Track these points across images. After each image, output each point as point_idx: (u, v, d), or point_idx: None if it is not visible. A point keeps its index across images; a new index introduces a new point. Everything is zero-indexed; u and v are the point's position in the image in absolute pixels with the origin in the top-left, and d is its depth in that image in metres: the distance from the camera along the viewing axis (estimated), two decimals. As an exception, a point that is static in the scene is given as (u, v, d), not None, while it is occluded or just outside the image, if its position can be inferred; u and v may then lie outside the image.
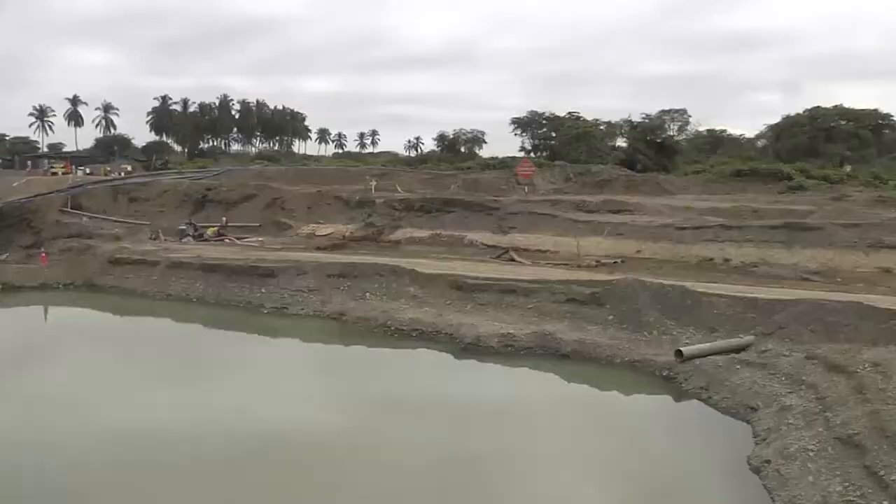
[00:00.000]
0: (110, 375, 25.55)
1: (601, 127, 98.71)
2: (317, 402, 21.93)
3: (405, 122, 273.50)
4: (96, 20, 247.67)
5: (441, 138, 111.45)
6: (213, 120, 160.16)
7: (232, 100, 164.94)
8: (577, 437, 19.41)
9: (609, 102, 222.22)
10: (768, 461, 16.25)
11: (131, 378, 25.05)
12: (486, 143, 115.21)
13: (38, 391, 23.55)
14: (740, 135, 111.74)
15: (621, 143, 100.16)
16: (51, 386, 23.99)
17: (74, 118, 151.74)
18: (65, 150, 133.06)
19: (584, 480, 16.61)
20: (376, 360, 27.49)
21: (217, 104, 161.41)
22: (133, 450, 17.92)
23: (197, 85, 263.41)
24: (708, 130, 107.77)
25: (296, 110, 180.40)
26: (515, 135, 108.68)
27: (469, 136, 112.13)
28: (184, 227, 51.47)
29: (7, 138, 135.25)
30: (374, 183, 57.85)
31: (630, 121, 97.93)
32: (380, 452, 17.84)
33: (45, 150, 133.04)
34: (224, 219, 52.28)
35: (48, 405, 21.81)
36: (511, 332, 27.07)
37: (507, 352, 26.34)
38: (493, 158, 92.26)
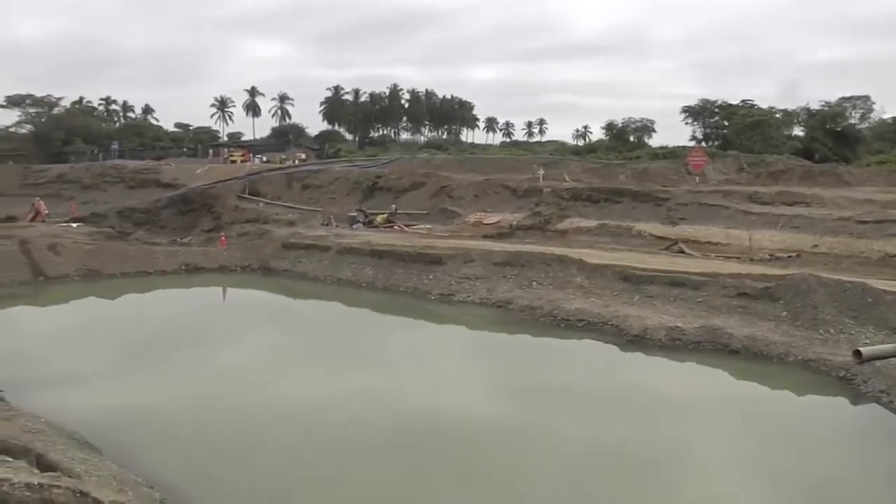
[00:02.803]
0: (282, 354, 26.70)
1: (777, 115, 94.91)
2: (479, 389, 22.09)
3: (573, 110, 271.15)
4: (272, 14, 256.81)
5: (609, 127, 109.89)
6: (384, 109, 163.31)
7: (402, 89, 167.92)
8: (745, 436, 18.73)
9: (783, 89, 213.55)
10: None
11: (301, 357, 26.15)
12: (655, 132, 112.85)
13: (215, 366, 24.91)
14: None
15: (798, 131, 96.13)
16: (226, 361, 25.34)
17: (252, 108, 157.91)
18: (243, 139, 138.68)
19: (749, 483, 15.93)
20: (541, 350, 27.48)
21: (387, 94, 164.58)
22: (299, 425, 18.71)
23: (367, 75, 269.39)
24: (894, 118, 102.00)
25: (464, 99, 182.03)
26: (686, 124, 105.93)
27: (638, 124, 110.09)
28: (354, 214, 52.87)
29: (191, 128, 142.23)
30: (541, 172, 57.83)
31: (808, 108, 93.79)
32: (539, 442, 17.81)
33: (226, 139, 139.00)
34: (393, 206, 53.40)
35: (223, 379, 23.11)
36: (679, 325, 26.61)
37: (674, 346, 25.89)
38: (662, 148, 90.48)
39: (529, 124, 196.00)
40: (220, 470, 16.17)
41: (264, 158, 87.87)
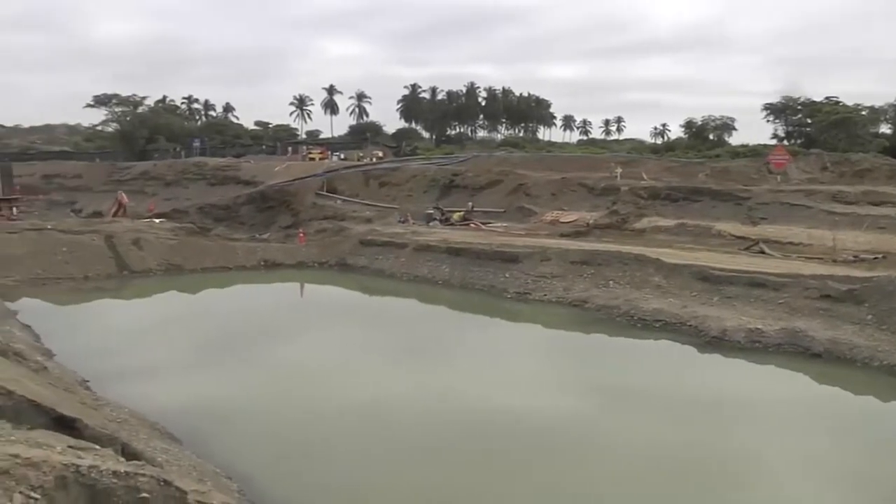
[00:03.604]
0: (357, 350, 26.90)
1: (863, 112, 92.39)
2: (553, 389, 21.97)
3: (651, 108, 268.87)
4: (350, 13, 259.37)
5: (688, 125, 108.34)
6: (460, 107, 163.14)
7: (479, 87, 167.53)
8: (825, 442, 18.26)
9: (867, 87, 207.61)
10: None
11: (376, 354, 26.27)
12: (735, 130, 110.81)
13: (291, 361, 25.13)
14: None
15: (885, 129, 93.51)
16: (302, 357, 25.69)
17: (330, 106, 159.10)
18: (321, 136, 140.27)
19: (828, 490, 15.54)
20: (616, 350, 27.29)
21: (464, 91, 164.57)
22: (372, 422, 18.88)
23: (444, 73, 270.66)
24: None
25: (541, 97, 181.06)
26: (767, 121, 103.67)
27: (718, 122, 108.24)
28: (431, 212, 53.02)
29: (271, 126, 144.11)
30: (619, 170, 57.26)
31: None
32: (613, 443, 17.64)
33: (304, 136, 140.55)
34: (470, 203, 53.41)
35: (298, 374, 23.46)
36: (759, 327, 26.13)
37: (754, 347, 25.45)
38: (743, 146, 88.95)
39: (607, 122, 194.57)
40: (293, 463, 16.40)
41: (342, 156, 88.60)
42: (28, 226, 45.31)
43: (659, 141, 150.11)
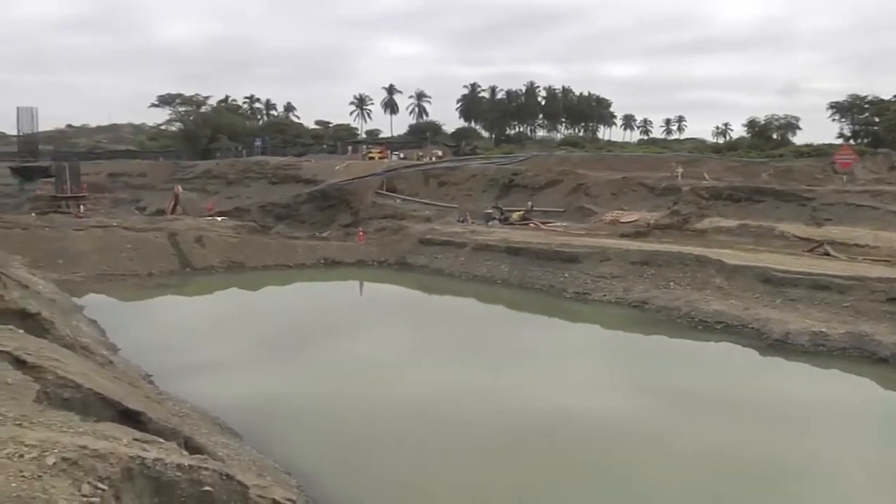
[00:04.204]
0: (415, 349, 27.00)
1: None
2: (612, 389, 21.84)
3: (713, 107, 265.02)
4: (410, 13, 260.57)
5: (751, 124, 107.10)
6: (520, 106, 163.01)
7: (538, 86, 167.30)
8: (891, 449, 17.85)
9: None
10: None
11: (435, 353, 26.37)
12: (800, 129, 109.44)
13: (349, 359, 25.35)
14: None
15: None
16: (361, 355, 25.79)
17: (390, 106, 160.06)
18: (381, 136, 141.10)
19: (893, 500, 15.31)
20: (676, 352, 27.02)
21: (524, 91, 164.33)
22: (430, 421, 18.94)
23: (504, 72, 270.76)
24: None
25: (601, 96, 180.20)
26: (833, 120, 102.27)
27: (781, 121, 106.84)
28: (490, 211, 52.98)
29: (331, 125, 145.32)
30: (680, 170, 56.72)
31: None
32: (671, 446, 17.38)
33: (364, 136, 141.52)
34: (529, 203, 53.24)
35: (357, 372, 23.53)
36: (823, 330, 25.64)
37: (818, 351, 24.98)
38: (807, 146, 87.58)
39: (668, 121, 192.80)
40: (352, 460, 16.51)
41: (401, 155, 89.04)
42: (94, 223, 46.25)
43: (721, 140, 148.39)
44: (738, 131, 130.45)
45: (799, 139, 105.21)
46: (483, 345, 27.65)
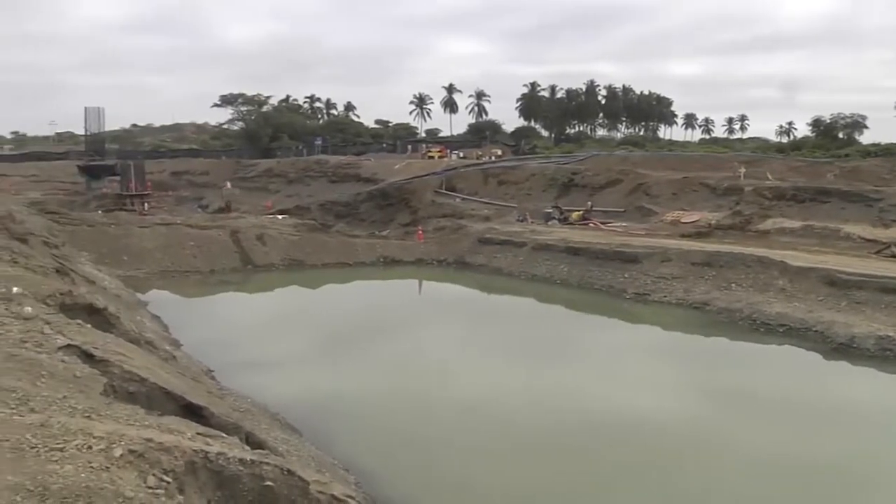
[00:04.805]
0: (473, 348, 27.06)
1: None
2: (670, 391, 21.65)
3: (776, 106, 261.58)
4: (470, 12, 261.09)
5: (816, 123, 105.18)
6: (580, 105, 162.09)
7: (598, 85, 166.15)
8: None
9: None
10: None
11: (492, 353, 26.30)
12: (867, 128, 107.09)
13: (406, 357, 25.56)
14: None
15: None
16: (418, 353, 26.05)
17: (450, 105, 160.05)
18: (440, 135, 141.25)
19: None
20: (737, 354, 26.64)
21: (584, 90, 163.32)
22: (485, 420, 18.93)
23: (564, 71, 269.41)
24: None
25: (662, 95, 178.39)
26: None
27: (848, 120, 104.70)
28: (550, 211, 52.76)
29: (391, 124, 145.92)
30: (742, 170, 55.94)
31: None
32: (729, 450, 17.17)
33: (424, 135, 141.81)
34: (589, 203, 52.92)
35: (413, 370, 23.78)
36: (890, 334, 25.07)
37: (885, 356, 24.42)
38: (874, 145, 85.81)
39: (730, 120, 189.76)
40: (409, 458, 16.62)
41: (461, 154, 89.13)
42: (158, 221, 47.04)
43: (785, 140, 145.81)
44: (803, 130, 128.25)
45: (866, 138, 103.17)
46: (541, 345, 27.54)
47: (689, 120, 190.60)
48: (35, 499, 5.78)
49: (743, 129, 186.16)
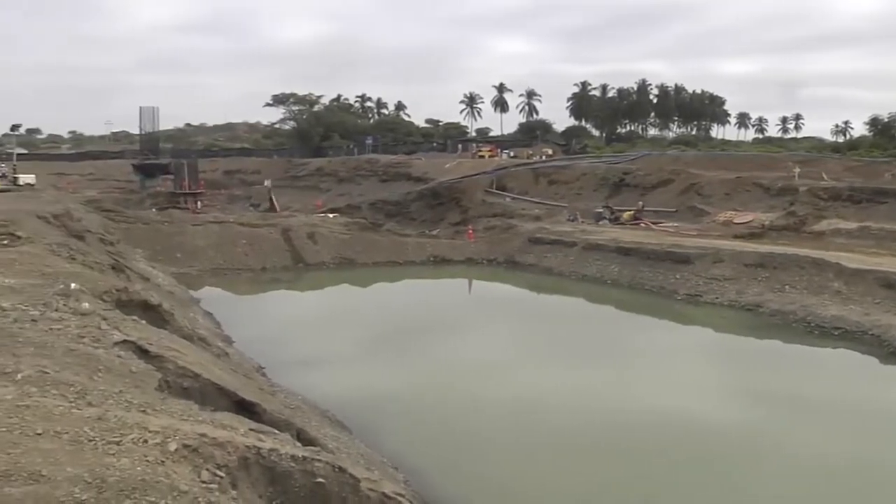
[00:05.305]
0: (521, 348, 27.08)
1: None
2: (721, 394, 21.41)
3: (832, 104, 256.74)
4: (520, 11, 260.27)
5: (873, 122, 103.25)
6: (631, 105, 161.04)
7: (650, 84, 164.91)
8: None
9: None
10: None
11: (540, 353, 26.32)
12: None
13: (455, 357, 25.58)
14: None
15: None
16: (467, 353, 25.94)
17: (500, 104, 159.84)
18: (491, 134, 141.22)
19: None
20: (790, 357, 26.29)
21: (635, 89, 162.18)
22: (533, 420, 18.89)
23: (615, 70, 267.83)
24: None
25: (714, 94, 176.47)
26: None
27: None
28: (600, 210, 52.49)
29: (441, 124, 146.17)
30: (797, 170, 55.14)
31: None
32: (780, 455, 16.83)
33: (474, 134, 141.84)
34: (640, 203, 52.53)
35: (462, 370, 23.64)
36: (949, 338, 24.59)
37: (945, 360, 23.97)
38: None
39: (784, 120, 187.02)
40: (457, 456, 16.61)
41: (511, 154, 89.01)
42: (211, 219, 47.63)
43: (840, 139, 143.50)
44: (860, 129, 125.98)
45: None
46: (590, 346, 27.43)
47: (742, 119, 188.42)
48: (93, 490, 5.87)
49: (797, 128, 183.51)
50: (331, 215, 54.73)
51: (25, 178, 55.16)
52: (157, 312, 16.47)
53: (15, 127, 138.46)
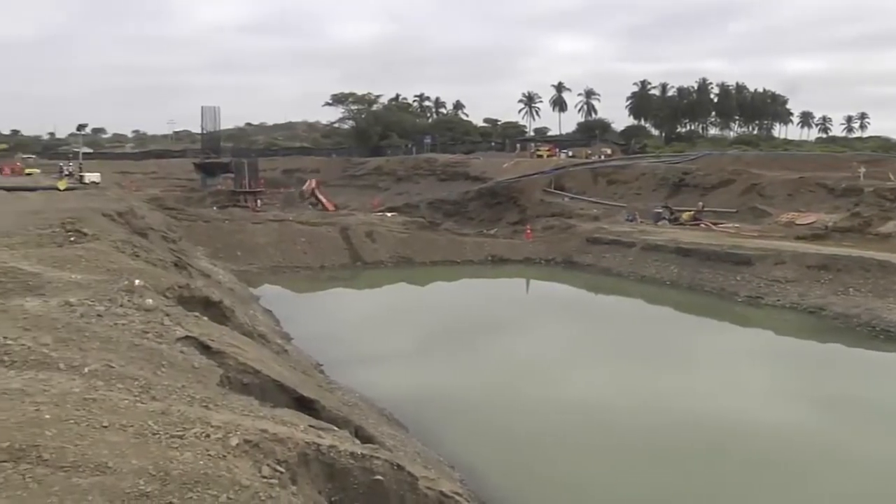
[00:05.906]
0: (579, 349, 27.01)
1: None
2: (780, 398, 21.09)
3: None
4: (578, 10, 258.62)
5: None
6: (691, 104, 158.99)
7: (711, 83, 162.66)
8: None
9: None
10: None
11: (598, 353, 26.28)
12: None
13: (512, 356, 25.62)
14: None
15: None
16: (524, 352, 26.00)
17: (559, 104, 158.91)
18: (549, 134, 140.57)
19: None
20: (854, 362, 25.86)
21: (695, 88, 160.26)
22: (589, 421, 18.88)
23: (675, 69, 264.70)
24: None
25: (777, 93, 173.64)
26: None
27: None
28: (659, 211, 51.98)
29: (499, 123, 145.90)
30: (862, 170, 54.01)
31: None
32: (842, 461, 16.64)
33: (532, 134, 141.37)
34: (700, 203, 51.94)
35: (519, 369, 23.76)
36: None
37: None
38: None
39: (849, 119, 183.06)
40: (513, 456, 16.63)
41: (570, 153, 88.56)
42: (271, 217, 48.16)
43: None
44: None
45: None
46: (648, 347, 27.18)
47: (806, 118, 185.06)
48: (157, 483, 5.99)
49: (863, 127, 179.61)
50: (389, 214, 55.01)
51: (91, 177, 56.33)
52: (218, 309, 16.68)
53: (81, 127, 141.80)
